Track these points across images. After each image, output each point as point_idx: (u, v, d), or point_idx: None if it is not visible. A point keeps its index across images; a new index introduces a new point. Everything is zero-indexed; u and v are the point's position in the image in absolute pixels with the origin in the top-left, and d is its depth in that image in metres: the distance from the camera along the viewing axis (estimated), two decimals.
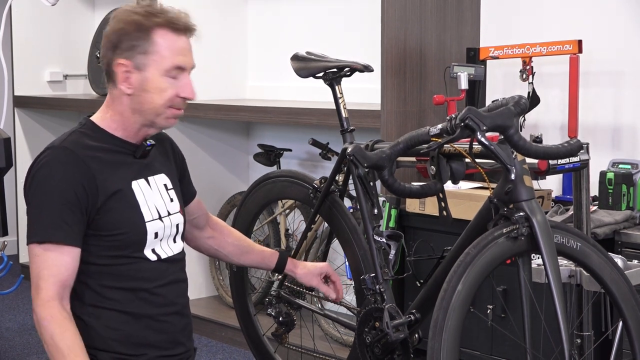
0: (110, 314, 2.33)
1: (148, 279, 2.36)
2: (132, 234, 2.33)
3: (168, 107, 2.35)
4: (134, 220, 2.33)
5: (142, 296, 2.35)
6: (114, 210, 2.30)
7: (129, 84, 2.32)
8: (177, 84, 2.34)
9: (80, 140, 2.32)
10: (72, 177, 2.26)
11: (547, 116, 4.05)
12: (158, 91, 2.32)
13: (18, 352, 4.54)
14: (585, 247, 2.49)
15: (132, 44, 2.31)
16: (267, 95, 5.20)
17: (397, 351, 2.72)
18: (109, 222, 2.30)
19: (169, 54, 2.32)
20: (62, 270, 2.25)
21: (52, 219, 2.24)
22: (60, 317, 2.22)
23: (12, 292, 4.14)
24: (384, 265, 2.74)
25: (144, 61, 2.31)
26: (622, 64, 3.88)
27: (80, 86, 6.30)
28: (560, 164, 2.79)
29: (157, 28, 2.31)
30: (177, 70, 2.34)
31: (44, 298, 2.23)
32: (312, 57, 3.04)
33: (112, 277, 2.32)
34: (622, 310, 2.50)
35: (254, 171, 5.25)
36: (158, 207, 2.39)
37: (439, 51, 4.17)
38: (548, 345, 2.53)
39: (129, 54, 2.31)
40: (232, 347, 4.64)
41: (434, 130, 2.42)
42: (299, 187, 3.12)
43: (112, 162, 2.34)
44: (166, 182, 2.46)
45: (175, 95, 2.34)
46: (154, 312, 2.37)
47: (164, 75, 2.32)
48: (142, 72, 2.31)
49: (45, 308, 2.23)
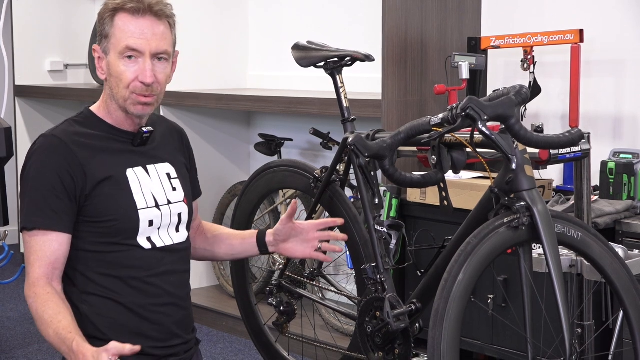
0: (102, 301, 2.33)
1: (141, 267, 2.35)
2: (123, 221, 2.32)
3: (131, 93, 2.33)
4: (125, 207, 2.33)
5: (135, 285, 2.34)
6: (104, 196, 2.31)
7: (102, 69, 2.37)
8: (135, 68, 2.32)
9: (71, 129, 2.35)
10: (58, 164, 2.27)
11: (548, 106, 4.04)
12: (117, 75, 2.33)
13: (19, 341, 4.55)
14: (586, 237, 2.49)
15: (100, 30, 2.35)
16: (268, 85, 5.19)
17: (398, 341, 2.72)
18: (98, 209, 2.30)
19: (122, 36, 2.31)
20: (49, 254, 2.26)
21: (38, 206, 2.27)
22: (43, 293, 2.24)
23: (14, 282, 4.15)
24: (384, 254, 2.74)
25: (107, 45, 2.34)
26: (623, 54, 3.88)
27: (81, 76, 6.30)
28: (561, 153, 2.79)
29: (120, 11, 2.32)
30: (131, 52, 2.31)
31: (29, 280, 2.26)
32: (313, 46, 3.04)
33: (105, 265, 2.32)
34: (623, 300, 2.50)
35: (255, 161, 5.25)
36: (156, 195, 2.38)
37: (440, 40, 4.16)
38: (549, 334, 2.54)
39: (99, 39, 2.36)
40: (233, 337, 4.64)
41: (435, 120, 2.42)
42: (299, 176, 3.12)
43: (105, 149, 2.34)
44: (170, 171, 2.45)
45: (134, 79, 2.32)
46: (146, 302, 2.35)
47: (120, 58, 2.32)
48: (107, 57, 2.35)
49: (30, 288, 2.25)
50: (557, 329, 2.37)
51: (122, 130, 2.38)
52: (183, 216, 2.45)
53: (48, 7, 6.06)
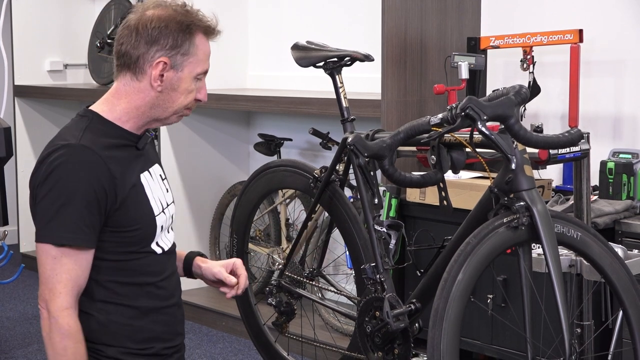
0: (119, 309, 2.32)
1: (154, 272, 2.36)
2: (145, 229, 2.33)
3: (186, 108, 2.37)
4: (147, 214, 2.33)
5: (149, 290, 2.35)
6: (131, 205, 2.29)
7: (162, 81, 2.31)
8: (198, 86, 2.36)
9: (97, 139, 2.27)
10: (94, 178, 2.22)
11: (547, 106, 4.04)
12: (186, 92, 2.33)
13: (19, 341, 4.55)
14: (585, 237, 2.49)
15: (174, 44, 2.29)
16: (267, 85, 5.20)
17: (398, 340, 2.72)
18: (125, 219, 2.28)
19: (204, 58, 2.34)
20: (80, 275, 2.24)
21: (73, 221, 2.21)
22: (76, 329, 2.23)
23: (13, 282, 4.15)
24: (384, 254, 2.74)
25: (182, 62, 2.30)
26: (622, 54, 3.88)
27: (80, 76, 6.30)
28: (560, 153, 2.79)
29: (198, 31, 2.32)
30: (204, 74, 2.37)
31: (62, 305, 2.21)
32: (312, 46, 3.04)
33: (122, 273, 2.32)
34: (622, 300, 2.50)
35: (255, 161, 5.25)
36: (161, 199, 2.39)
37: (440, 40, 4.16)
38: (548, 334, 2.54)
39: (170, 52, 2.29)
40: (232, 337, 4.65)
41: (435, 120, 2.42)
42: (299, 176, 3.12)
43: (124, 157, 2.31)
44: (161, 172, 2.47)
45: (194, 97, 2.37)
46: (159, 305, 2.37)
47: (194, 78, 2.34)
48: (177, 72, 2.31)
49: (63, 317, 2.21)
50: (556, 329, 2.37)
51: (130, 134, 2.35)
52: (174, 217, 2.48)
53: (48, 7, 6.06)
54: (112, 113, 2.34)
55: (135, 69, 2.31)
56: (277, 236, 4.81)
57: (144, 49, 2.29)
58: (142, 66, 2.30)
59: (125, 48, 2.31)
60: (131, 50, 2.30)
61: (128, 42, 2.31)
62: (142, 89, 2.31)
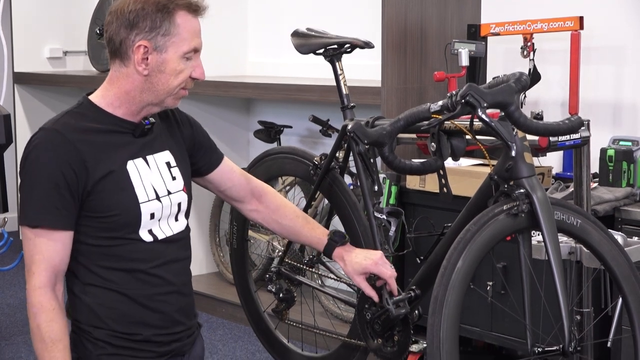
0: (106, 293, 2.33)
1: (143, 260, 2.34)
2: (125, 216, 2.31)
3: (181, 88, 2.34)
4: (126, 202, 2.31)
5: (139, 277, 2.34)
6: (106, 192, 2.29)
7: (146, 65, 2.30)
8: (189, 65, 2.33)
9: (72, 122, 2.29)
10: (61, 160, 2.24)
11: (547, 93, 4.04)
12: (175, 73, 2.31)
13: (19, 328, 4.56)
14: (585, 224, 2.49)
15: (153, 25, 2.28)
16: (267, 72, 5.19)
17: (397, 327, 2.72)
18: (100, 204, 2.29)
19: (188, 37, 2.31)
20: (54, 256, 2.25)
21: (42, 202, 2.24)
22: (49, 307, 2.24)
23: (13, 269, 4.16)
24: (384, 241, 2.74)
25: (164, 43, 2.28)
26: (623, 41, 3.87)
27: (80, 62, 6.29)
28: (560, 140, 2.79)
29: (178, 9, 2.29)
30: (193, 52, 2.33)
31: (35, 284, 2.24)
32: (312, 33, 3.03)
33: (107, 258, 2.32)
34: (622, 287, 2.51)
35: (254, 148, 5.24)
36: (156, 187, 2.37)
37: (440, 28, 4.15)
38: (548, 321, 2.54)
39: (149, 35, 2.28)
40: (232, 323, 4.65)
41: (435, 107, 2.42)
42: (299, 163, 3.12)
43: (106, 143, 2.31)
44: (169, 159, 2.43)
45: (188, 76, 2.34)
46: (150, 292, 2.36)
47: (181, 57, 2.30)
48: (161, 54, 2.29)
49: (35, 295, 2.24)
50: (556, 316, 2.38)
51: (124, 121, 2.35)
52: (182, 205, 2.44)
53: None
54: (105, 99, 2.35)
55: (121, 55, 2.32)
56: None
57: (124, 34, 2.30)
58: (125, 51, 2.30)
59: (109, 35, 2.33)
60: (114, 37, 2.31)
61: (110, 29, 2.32)
62: (130, 74, 2.32)
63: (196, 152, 2.53)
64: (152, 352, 2.36)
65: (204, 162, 2.56)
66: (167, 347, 2.39)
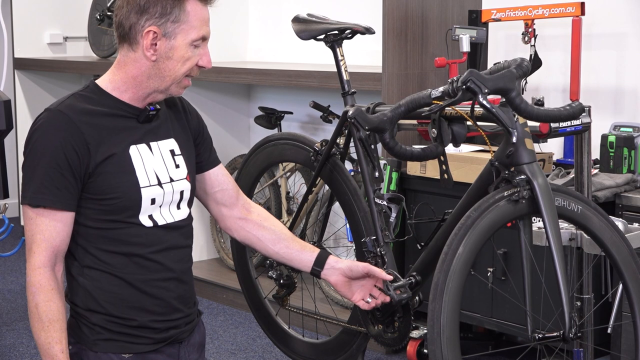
0: (104, 276, 2.33)
1: (142, 244, 2.35)
2: (125, 199, 2.32)
3: (186, 76, 2.35)
4: (127, 185, 2.32)
5: (137, 261, 2.34)
6: (107, 174, 2.30)
7: (155, 50, 2.30)
8: (198, 53, 2.34)
9: (77, 104, 2.31)
10: (64, 141, 2.25)
11: (549, 79, 4.03)
12: (182, 60, 2.32)
13: (20, 314, 4.57)
14: (586, 210, 2.50)
15: (163, 11, 2.28)
16: (268, 58, 5.18)
17: (398, 314, 2.73)
18: (101, 186, 2.29)
19: (198, 24, 2.31)
20: (54, 236, 2.26)
21: (43, 182, 2.25)
22: (47, 287, 2.24)
23: (14, 254, 4.16)
24: (384, 228, 2.75)
25: (174, 29, 2.29)
26: (624, 26, 3.87)
27: (80, 48, 6.28)
28: (561, 127, 2.79)
29: None
30: (201, 40, 2.33)
31: (35, 264, 2.25)
32: (313, 19, 3.03)
33: (107, 241, 2.32)
34: (622, 273, 2.51)
35: (255, 134, 5.24)
36: (158, 173, 2.37)
37: (441, 13, 4.14)
38: (548, 307, 2.55)
39: (159, 20, 2.28)
40: (233, 309, 4.66)
41: (436, 93, 2.42)
42: (300, 149, 3.12)
43: (110, 126, 2.32)
44: (173, 147, 2.44)
45: (195, 63, 2.34)
46: (148, 277, 2.36)
47: (190, 44, 2.31)
48: (170, 40, 2.30)
49: (35, 275, 2.25)
50: (556, 302, 2.38)
51: (129, 106, 2.35)
52: (185, 193, 2.44)
53: None
54: (112, 83, 2.36)
55: (130, 40, 2.32)
56: (277, 209, 4.81)
57: (134, 19, 2.30)
58: (134, 36, 2.31)
59: (119, 19, 2.33)
60: (124, 21, 2.32)
61: (121, 13, 2.32)
62: (138, 59, 2.32)
63: (199, 146, 2.54)
64: (149, 338, 2.36)
65: (204, 157, 2.56)
66: (165, 333, 2.39)
